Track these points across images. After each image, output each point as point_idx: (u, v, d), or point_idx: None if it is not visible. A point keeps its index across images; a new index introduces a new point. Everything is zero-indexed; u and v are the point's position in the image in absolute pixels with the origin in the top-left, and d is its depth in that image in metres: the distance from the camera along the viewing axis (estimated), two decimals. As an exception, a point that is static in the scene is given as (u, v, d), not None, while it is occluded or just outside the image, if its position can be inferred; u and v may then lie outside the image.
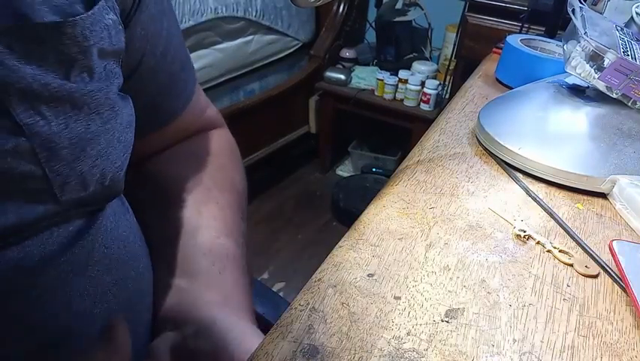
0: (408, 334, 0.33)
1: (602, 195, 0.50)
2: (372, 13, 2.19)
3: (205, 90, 1.86)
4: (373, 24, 2.10)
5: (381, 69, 1.99)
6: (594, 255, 0.41)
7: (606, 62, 0.52)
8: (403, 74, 1.90)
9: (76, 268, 0.32)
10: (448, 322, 0.34)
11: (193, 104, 0.50)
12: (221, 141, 0.55)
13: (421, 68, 1.94)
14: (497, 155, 0.55)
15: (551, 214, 0.46)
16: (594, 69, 0.54)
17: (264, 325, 0.41)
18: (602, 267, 0.40)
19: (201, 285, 0.42)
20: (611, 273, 0.39)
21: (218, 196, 0.49)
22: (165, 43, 0.42)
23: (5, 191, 0.27)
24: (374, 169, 2.20)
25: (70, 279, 0.32)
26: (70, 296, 0.32)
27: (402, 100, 1.93)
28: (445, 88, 1.84)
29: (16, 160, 0.27)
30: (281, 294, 1.54)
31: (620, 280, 0.38)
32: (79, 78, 0.29)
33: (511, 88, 0.74)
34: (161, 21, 0.41)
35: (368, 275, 0.37)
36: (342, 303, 0.35)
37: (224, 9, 1.62)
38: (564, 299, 0.37)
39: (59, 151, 0.28)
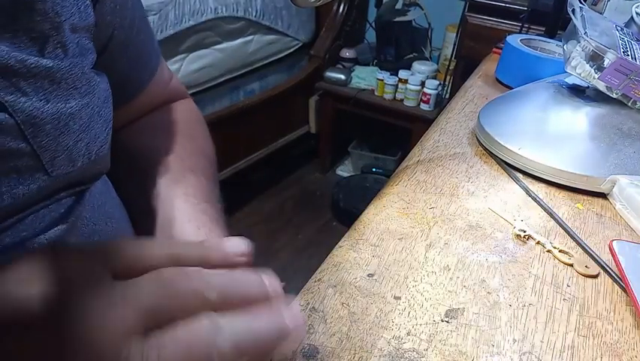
0: (408, 334, 0.33)
1: (602, 195, 0.50)
2: (372, 13, 2.19)
3: (205, 90, 1.84)
4: (373, 24, 2.10)
5: (381, 69, 1.99)
6: (594, 255, 0.41)
7: (606, 62, 0.52)
8: (403, 74, 1.90)
9: (67, 244, 0.32)
10: (448, 322, 0.34)
11: (158, 75, 0.50)
12: (187, 111, 0.56)
13: (421, 68, 1.94)
14: (497, 155, 0.55)
15: (551, 214, 0.46)
16: (594, 69, 0.54)
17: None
18: (602, 267, 0.40)
19: None
20: (611, 273, 0.39)
21: (193, 165, 0.49)
22: (131, 15, 0.43)
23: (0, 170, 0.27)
24: (374, 169, 2.20)
25: None
26: None
27: (402, 100, 1.93)
28: (445, 88, 1.84)
29: (2, 137, 0.27)
30: (281, 294, 1.53)
31: (620, 280, 0.38)
32: (53, 55, 0.29)
33: (511, 88, 0.74)
34: None
35: (368, 275, 0.37)
36: (342, 303, 0.35)
37: (224, 9, 1.62)
38: (564, 299, 0.37)
39: (44, 126, 0.29)
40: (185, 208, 0.45)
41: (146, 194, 0.46)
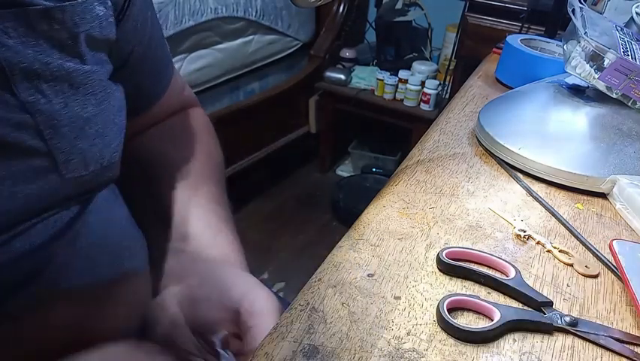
0: (408, 334, 0.33)
1: (602, 195, 0.50)
2: (372, 13, 2.19)
3: (205, 90, 1.84)
4: (373, 24, 2.10)
5: (381, 69, 1.99)
6: (596, 252, 0.41)
7: (606, 62, 0.52)
8: (403, 74, 1.90)
9: (76, 251, 0.33)
10: (448, 322, 0.34)
11: (172, 85, 0.52)
12: (198, 119, 0.58)
13: (421, 68, 1.94)
14: (497, 155, 0.55)
15: (553, 213, 0.46)
16: (594, 69, 0.54)
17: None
18: (604, 263, 0.40)
19: (199, 246, 0.44)
20: (613, 269, 0.39)
21: (205, 169, 0.52)
22: (150, 31, 0.44)
23: (15, 168, 0.28)
24: (374, 169, 2.20)
25: (70, 262, 0.33)
26: (71, 277, 0.33)
27: (402, 100, 1.93)
28: (445, 88, 1.84)
29: (21, 134, 0.28)
30: (281, 294, 1.53)
31: (619, 279, 0.38)
32: (72, 62, 0.31)
33: (511, 88, 0.74)
34: (146, 10, 0.43)
35: (368, 275, 0.37)
36: (342, 303, 0.35)
37: (224, 9, 1.62)
38: (564, 299, 0.37)
39: (61, 128, 0.30)
40: (196, 210, 0.47)
41: (159, 196, 0.48)
